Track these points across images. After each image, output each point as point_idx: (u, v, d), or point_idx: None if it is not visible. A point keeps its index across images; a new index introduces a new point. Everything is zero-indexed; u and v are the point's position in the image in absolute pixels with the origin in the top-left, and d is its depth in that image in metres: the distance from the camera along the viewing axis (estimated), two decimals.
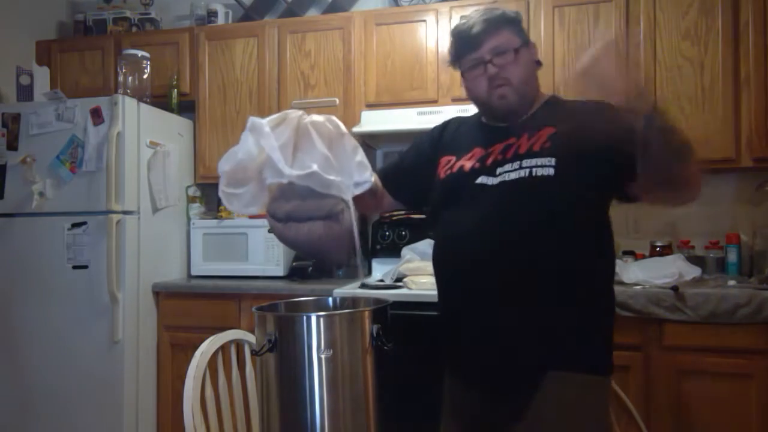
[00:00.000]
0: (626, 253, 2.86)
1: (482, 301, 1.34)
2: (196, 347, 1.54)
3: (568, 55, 2.83)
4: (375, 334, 1.24)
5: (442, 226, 1.45)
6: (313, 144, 1.19)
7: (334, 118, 1.26)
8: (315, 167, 1.16)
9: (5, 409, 2.96)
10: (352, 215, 1.20)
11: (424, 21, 3.02)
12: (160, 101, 3.25)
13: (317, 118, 1.24)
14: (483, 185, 1.37)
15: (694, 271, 2.49)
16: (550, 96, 1.47)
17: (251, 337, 1.57)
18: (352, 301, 1.50)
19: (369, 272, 3.23)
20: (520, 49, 1.38)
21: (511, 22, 1.40)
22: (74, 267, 2.88)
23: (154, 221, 3.07)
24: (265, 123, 1.17)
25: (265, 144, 1.16)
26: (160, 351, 3.04)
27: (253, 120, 1.18)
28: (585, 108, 1.32)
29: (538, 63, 1.43)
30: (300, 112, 1.23)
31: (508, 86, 1.38)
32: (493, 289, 1.33)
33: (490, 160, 1.39)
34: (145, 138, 3.01)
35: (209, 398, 1.53)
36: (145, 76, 3.21)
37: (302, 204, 1.21)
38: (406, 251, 2.87)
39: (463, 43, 1.41)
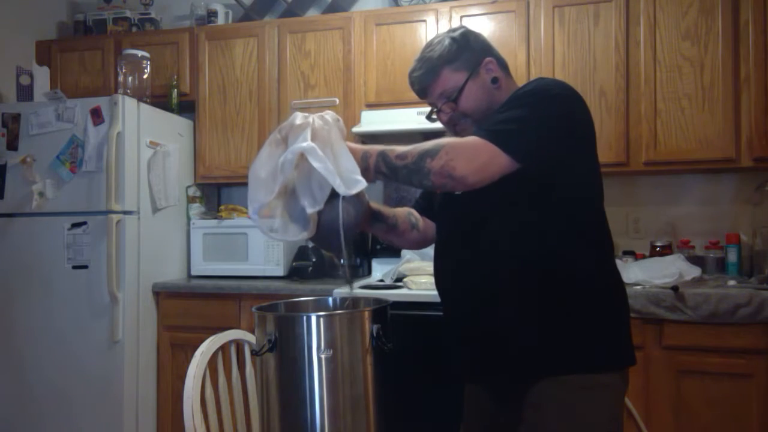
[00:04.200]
0: (626, 253, 2.86)
1: (463, 306, 1.38)
2: (196, 347, 1.53)
3: (568, 55, 2.83)
4: (375, 334, 1.24)
5: (436, 231, 1.51)
6: (346, 152, 1.19)
7: (338, 117, 1.24)
8: (363, 181, 1.17)
9: (5, 409, 2.96)
10: (339, 210, 1.19)
11: (424, 21, 3.03)
12: (160, 101, 3.26)
13: (330, 119, 1.21)
14: (455, 195, 1.39)
15: (694, 271, 2.49)
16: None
17: (251, 337, 1.57)
18: (352, 301, 1.50)
19: (369, 272, 3.24)
20: (467, 83, 1.38)
21: (450, 60, 1.38)
22: (74, 267, 2.88)
23: (154, 221, 3.07)
24: (315, 145, 1.15)
25: (320, 167, 1.14)
26: (160, 351, 3.04)
27: (307, 146, 1.15)
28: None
29: (495, 80, 1.40)
30: (318, 120, 1.19)
31: (468, 119, 1.40)
32: (466, 295, 1.36)
33: None
34: (145, 138, 3.01)
35: (209, 398, 1.53)
36: (145, 76, 3.21)
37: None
38: (406, 251, 2.87)
39: (417, 94, 1.45)
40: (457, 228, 1.39)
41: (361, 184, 1.17)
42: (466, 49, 1.40)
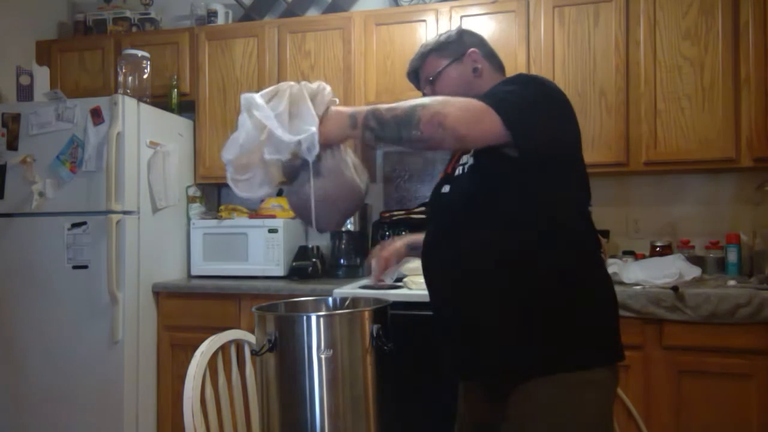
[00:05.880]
0: (626, 253, 2.86)
1: (449, 305, 1.38)
2: (196, 347, 1.53)
3: (568, 55, 2.83)
4: (375, 334, 1.24)
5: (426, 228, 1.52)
6: (307, 109, 1.18)
7: (326, 85, 1.24)
8: (313, 129, 1.16)
9: (5, 409, 2.96)
10: (311, 180, 1.19)
11: (424, 21, 3.03)
12: (160, 101, 3.25)
13: (311, 84, 1.22)
14: (443, 193, 1.43)
15: (694, 271, 2.49)
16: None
17: (251, 337, 1.57)
18: (352, 301, 1.50)
19: (369, 272, 3.23)
20: (445, 69, 1.48)
21: (438, 48, 1.50)
22: (74, 267, 2.88)
23: (154, 221, 3.07)
24: (257, 96, 1.18)
25: (260, 115, 1.16)
26: (160, 351, 3.04)
27: (244, 95, 1.18)
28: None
29: (476, 70, 1.47)
30: (291, 83, 1.21)
31: None
32: (452, 293, 1.36)
33: (450, 167, 1.47)
34: (145, 138, 3.01)
35: (209, 398, 1.53)
36: (145, 76, 3.21)
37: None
38: None
39: (407, 77, 1.58)
40: (442, 225, 1.40)
41: (310, 132, 1.15)
42: (457, 42, 1.50)
